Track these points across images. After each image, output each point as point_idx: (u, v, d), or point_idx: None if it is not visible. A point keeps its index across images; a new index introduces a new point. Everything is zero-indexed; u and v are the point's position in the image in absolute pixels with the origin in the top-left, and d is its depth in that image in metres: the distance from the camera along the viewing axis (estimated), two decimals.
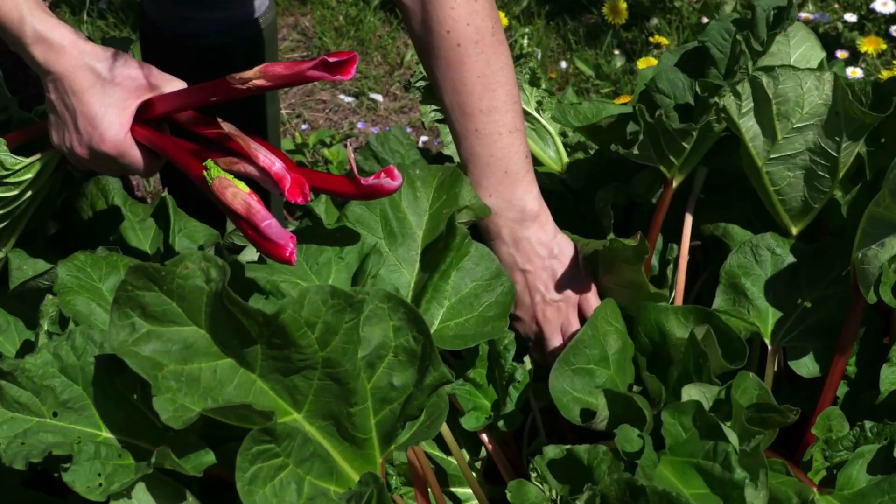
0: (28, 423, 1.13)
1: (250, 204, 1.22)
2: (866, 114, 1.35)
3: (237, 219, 1.23)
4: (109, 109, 1.28)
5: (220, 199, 1.24)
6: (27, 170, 1.36)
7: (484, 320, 1.33)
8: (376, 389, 1.14)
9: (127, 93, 1.29)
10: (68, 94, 1.28)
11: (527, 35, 3.20)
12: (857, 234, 1.28)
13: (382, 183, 1.25)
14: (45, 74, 1.29)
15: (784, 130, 1.39)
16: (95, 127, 1.28)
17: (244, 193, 1.23)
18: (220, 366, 1.12)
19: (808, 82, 1.36)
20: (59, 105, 1.30)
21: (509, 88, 1.38)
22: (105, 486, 1.09)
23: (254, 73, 1.26)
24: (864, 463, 1.25)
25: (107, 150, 1.29)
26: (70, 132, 1.30)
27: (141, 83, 1.30)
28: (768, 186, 1.44)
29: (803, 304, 1.40)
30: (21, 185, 1.37)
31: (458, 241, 1.34)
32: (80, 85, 1.28)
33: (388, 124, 3.03)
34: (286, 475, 1.09)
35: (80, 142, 1.30)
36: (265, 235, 1.22)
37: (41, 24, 1.26)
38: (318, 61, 1.22)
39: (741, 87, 1.37)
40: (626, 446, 1.17)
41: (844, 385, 1.41)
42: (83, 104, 1.28)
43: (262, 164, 1.24)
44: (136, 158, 1.31)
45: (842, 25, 3.11)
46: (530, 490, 1.21)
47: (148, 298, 1.10)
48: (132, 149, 1.30)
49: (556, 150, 1.72)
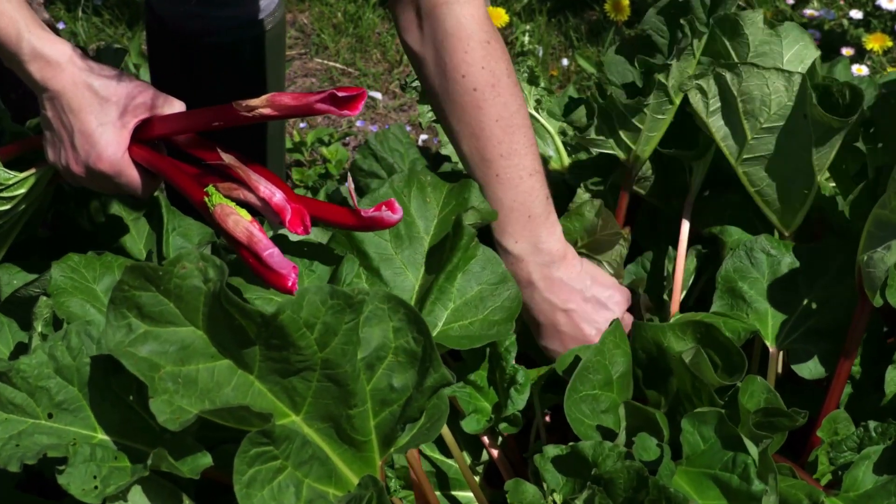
0: (23, 425, 1.12)
1: (252, 232, 1.21)
2: (833, 119, 1.33)
3: (238, 247, 1.22)
4: (107, 128, 1.27)
5: (221, 227, 1.23)
6: (21, 184, 1.35)
7: (489, 324, 1.32)
8: (376, 391, 1.13)
9: (125, 111, 1.28)
10: (65, 112, 1.27)
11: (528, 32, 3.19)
12: (862, 236, 1.27)
13: (383, 216, 1.25)
14: (41, 91, 1.28)
15: (753, 130, 1.37)
16: (92, 145, 1.27)
17: (246, 221, 1.22)
18: (218, 367, 1.11)
19: (775, 82, 1.34)
20: (56, 122, 1.28)
21: (526, 130, 1.37)
22: (100, 489, 1.08)
23: (260, 102, 1.25)
24: (869, 464, 1.24)
25: (103, 169, 1.28)
26: (66, 150, 1.29)
27: (139, 102, 1.29)
28: (749, 187, 1.43)
29: (804, 305, 1.39)
30: (14, 200, 1.36)
31: (465, 242, 1.32)
32: (77, 103, 1.27)
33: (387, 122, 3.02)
34: (284, 478, 1.08)
35: (77, 160, 1.29)
36: (267, 265, 1.21)
37: (38, 40, 1.25)
38: (327, 95, 1.21)
39: (706, 84, 1.35)
40: (643, 455, 1.16)
41: (849, 387, 1.40)
42: (80, 122, 1.27)
43: (263, 196, 1.24)
44: (132, 178, 1.30)
45: (847, 22, 3.10)
46: (528, 489, 1.20)
47: (145, 298, 1.09)
48: (129, 168, 1.29)
49: (556, 150, 1.71)
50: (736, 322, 1.37)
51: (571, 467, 1.18)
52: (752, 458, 1.13)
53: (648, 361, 1.33)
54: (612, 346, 1.30)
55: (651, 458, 1.15)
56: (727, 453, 1.15)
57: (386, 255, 1.37)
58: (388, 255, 1.37)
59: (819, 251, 1.41)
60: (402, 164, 1.76)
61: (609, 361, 1.29)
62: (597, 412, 1.26)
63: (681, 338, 1.30)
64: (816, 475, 1.29)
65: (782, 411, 1.18)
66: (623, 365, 1.31)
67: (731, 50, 1.46)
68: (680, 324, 1.31)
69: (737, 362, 1.27)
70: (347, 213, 1.26)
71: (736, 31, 1.44)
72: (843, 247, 1.39)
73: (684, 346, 1.29)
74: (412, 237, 1.37)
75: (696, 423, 1.18)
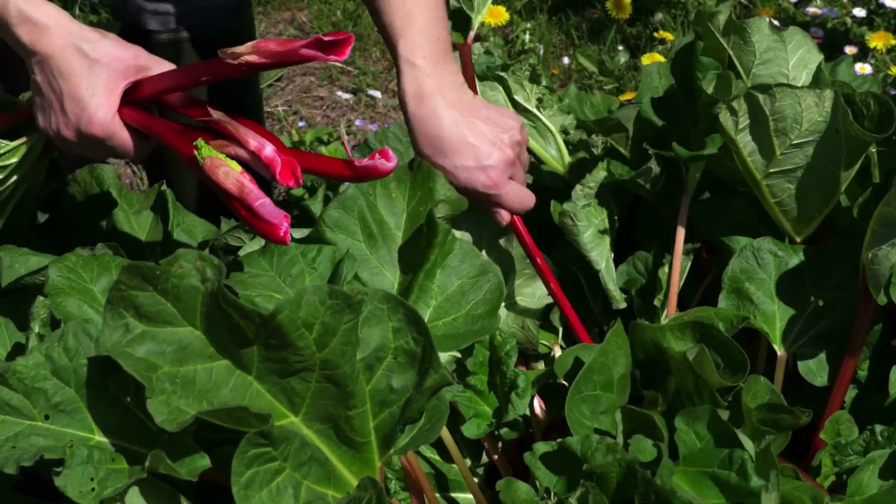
0: (19, 427, 1.11)
1: (243, 183, 1.20)
2: (867, 134, 1.33)
3: (230, 199, 1.21)
4: (97, 90, 1.25)
5: (211, 179, 1.21)
6: (12, 153, 1.33)
7: (473, 318, 1.32)
8: (375, 392, 1.12)
9: (115, 74, 1.26)
10: (54, 76, 1.26)
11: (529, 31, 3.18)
12: (867, 235, 1.27)
13: (377, 164, 1.22)
14: (30, 56, 1.26)
15: (783, 146, 1.38)
16: (83, 109, 1.26)
17: (236, 172, 1.20)
18: (216, 367, 1.10)
19: (806, 99, 1.34)
20: (45, 87, 1.27)
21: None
22: (98, 491, 1.08)
23: (246, 49, 1.23)
24: (874, 468, 1.23)
25: (95, 133, 1.27)
26: (56, 114, 1.27)
27: (129, 64, 1.27)
28: (769, 198, 1.43)
29: (812, 307, 1.38)
30: (6, 170, 1.34)
31: (440, 239, 1.32)
32: (66, 66, 1.25)
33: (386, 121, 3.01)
34: (283, 479, 1.08)
35: (67, 124, 1.27)
36: (258, 215, 1.19)
37: (25, 3, 1.24)
38: (313, 40, 1.19)
39: (737, 105, 1.36)
40: (640, 456, 1.15)
41: (853, 388, 1.39)
42: (70, 85, 1.25)
43: (252, 149, 1.22)
44: (124, 141, 1.29)
45: (850, 20, 3.09)
46: (520, 488, 1.19)
47: (142, 298, 1.08)
48: (121, 131, 1.28)
49: (558, 149, 1.70)
50: (728, 311, 1.36)
51: (562, 464, 1.17)
52: (749, 453, 1.12)
53: (646, 362, 1.32)
54: (615, 347, 1.29)
55: (648, 458, 1.14)
56: (723, 450, 1.14)
57: (362, 256, 1.37)
58: (364, 255, 1.37)
59: (827, 253, 1.41)
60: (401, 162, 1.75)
61: (612, 362, 1.29)
62: (596, 413, 1.25)
63: (680, 338, 1.29)
64: (819, 478, 1.28)
65: (786, 408, 1.17)
66: (624, 366, 1.30)
67: (736, 59, 1.46)
68: (679, 324, 1.30)
69: (739, 361, 1.25)
70: (341, 163, 1.24)
71: (742, 39, 1.44)
72: (851, 249, 1.38)
73: (684, 346, 1.28)
74: (385, 235, 1.37)
75: (689, 420, 1.17)
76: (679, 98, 1.52)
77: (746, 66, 1.47)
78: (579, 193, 1.50)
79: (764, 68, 1.46)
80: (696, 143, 1.48)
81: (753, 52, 1.45)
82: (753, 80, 1.47)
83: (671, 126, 1.52)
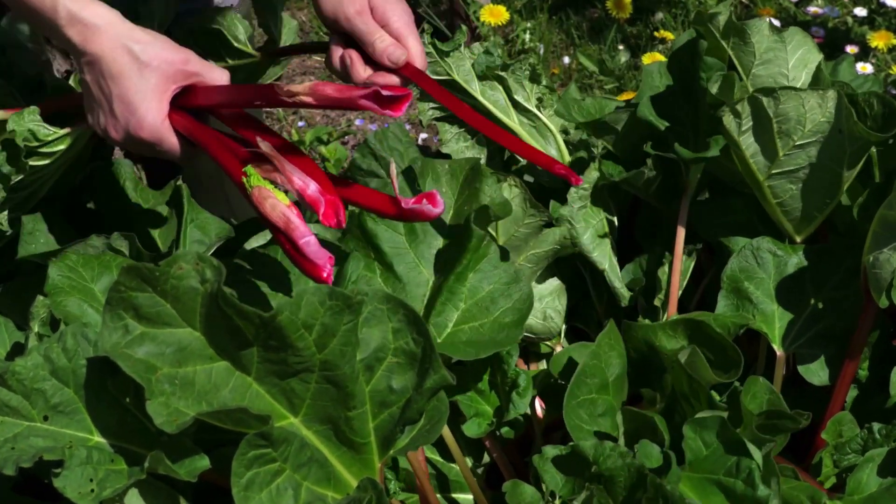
0: (18, 428, 1.11)
1: (289, 218, 1.18)
2: (871, 134, 1.33)
3: (275, 231, 1.19)
4: (147, 94, 1.24)
5: (258, 209, 1.20)
6: (60, 141, 1.33)
7: (499, 326, 1.30)
8: (375, 393, 1.12)
9: (165, 77, 1.25)
10: (104, 77, 1.24)
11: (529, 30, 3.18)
12: (868, 237, 1.26)
13: (424, 209, 1.20)
14: (79, 55, 1.25)
15: (786, 147, 1.37)
16: (132, 112, 1.24)
17: (283, 206, 1.18)
18: (216, 369, 1.10)
19: (810, 101, 1.34)
20: (95, 88, 1.26)
21: None
22: (97, 492, 1.08)
23: (302, 89, 1.22)
24: (873, 467, 1.23)
25: (143, 136, 1.26)
26: (106, 116, 1.26)
27: (179, 68, 1.26)
28: (770, 199, 1.42)
29: (811, 308, 1.38)
30: (54, 156, 1.34)
31: (474, 243, 1.30)
32: (116, 68, 1.24)
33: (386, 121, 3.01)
34: (283, 481, 1.07)
35: (116, 126, 1.26)
36: (303, 253, 1.17)
37: (75, 4, 1.23)
38: (371, 91, 1.18)
39: (740, 107, 1.35)
40: (647, 462, 1.15)
41: (854, 389, 1.39)
42: (119, 88, 1.24)
43: (297, 188, 1.21)
44: (173, 146, 1.27)
45: (851, 20, 3.08)
46: (526, 490, 1.19)
47: (141, 299, 1.08)
48: (170, 136, 1.26)
49: (558, 149, 1.69)
50: (726, 318, 1.36)
51: (571, 467, 1.17)
52: (756, 462, 1.12)
53: (641, 360, 1.32)
54: (608, 349, 1.29)
55: (654, 465, 1.14)
56: (730, 458, 1.14)
57: (400, 250, 1.35)
58: (402, 249, 1.34)
59: (827, 253, 1.40)
60: (401, 163, 1.74)
61: (605, 364, 1.28)
62: (594, 416, 1.25)
63: (672, 336, 1.29)
64: (821, 478, 1.28)
65: (785, 413, 1.17)
66: (618, 367, 1.29)
67: (736, 59, 1.45)
68: (671, 322, 1.29)
69: (732, 358, 1.25)
70: (388, 201, 1.22)
71: (742, 40, 1.44)
72: (850, 248, 1.38)
73: (676, 344, 1.28)
74: (427, 231, 1.35)
75: (697, 428, 1.17)
76: (679, 97, 1.52)
77: (746, 67, 1.46)
78: (574, 196, 1.50)
79: (764, 69, 1.46)
80: (698, 143, 1.48)
81: (753, 53, 1.45)
82: (753, 80, 1.47)
83: (670, 126, 1.52)
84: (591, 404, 1.26)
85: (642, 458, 1.15)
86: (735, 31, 1.44)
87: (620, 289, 1.52)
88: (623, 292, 1.52)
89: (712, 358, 1.25)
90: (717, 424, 1.16)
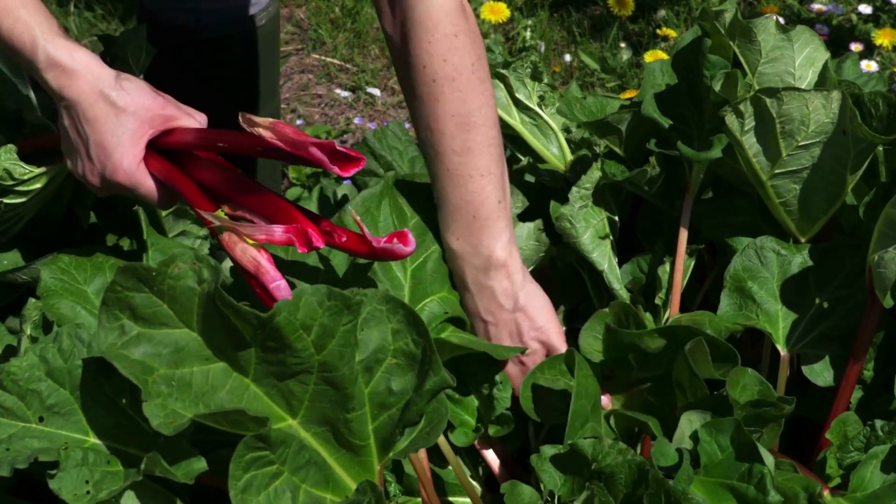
0: (13, 429, 1.11)
1: (259, 262, 1.18)
2: (875, 136, 1.32)
3: (247, 276, 1.20)
4: (122, 139, 1.24)
5: (229, 254, 1.20)
6: (36, 180, 1.34)
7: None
8: (374, 394, 1.11)
9: (141, 123, 1.25)
10: (81, 122, 1.25)
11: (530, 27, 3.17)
12: (874, 236, 1.26)
13: (394, 248, 1.21)
14: (58, 100, 1.26)
15: (789, 148, 1.36)
16: (108, 157, 1.25)
17: (253, 251, 1.18)
18: (213, 370, 1.09)
19: (814, 101, 1.33)
20: (73, 132, 1.26)
21: (486, 130, 1.33)
22: (93, 494, 1.07)
23: (263, 122, 1.22)
24: (877, 464, 1.22)
25: (119, 181, 1.26)
26: (83, 160, 1.27)
27: (156, 113, 1.26)
28: (774, 199, 1.42)
29: (816, 306, 1.37)
30: (29, 195, 1.34)
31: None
32: (93, 113, 1.24)
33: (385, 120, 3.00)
34: (281, 483, 1.07)
35: (93, 171, 1.27)
36: (273, 298, 1.18)
37: (55, 48, 1.23)
38: (327, 143, 1.17)
39: (743, 107, 1.34)
40: (660, 460, 1.14)
41: (859, 389, 1.38)
42: (96, 133, 1.25)
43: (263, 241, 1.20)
44: (149, 190, 1.27)
45: (856, 17, 3.07)
46: (524, 491, 1.18)
47: (138, 300, 1.07)
48: (145, 180, 1.26)
49: (560, 147, 1.68)
50: (720, 320, 1.35)
51: (570, 466, 1.16)
52: (769, 468, 1.12)
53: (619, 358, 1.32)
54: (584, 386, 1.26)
55: (669, 463, 1.14)
56: (743, 464, 1.13)
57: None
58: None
59: (831, 252, 1.39)
60: (400, 162, 1.73)
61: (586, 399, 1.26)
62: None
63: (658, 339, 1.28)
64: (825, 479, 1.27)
65: (769, 402, 1.17)
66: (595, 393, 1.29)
67: (742, 57, 1.44)
68: (659, 329, 1.29)
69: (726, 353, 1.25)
70: (358, 240, 1.23)
71: (748, 38, 1.42)
72: (855, 248, 1.37)
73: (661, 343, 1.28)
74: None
75: (713, 431, 1.16)
76: (682, 96, 1.51)
77: (752, 65, 1.45)
78: (575, 195, 1.49)
79: (770, 67, 1.45)
80: (701, 141, 1.47)
81: (759, 51, 1.44)
82: (759, 78, 1.46)
83: (674, 124, 1.51)
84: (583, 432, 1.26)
85: (657, 455, 1.15)
86: (741, 30, 1.43)
87: (620, 290, 1.51)
88: (622, 293, 1.51)
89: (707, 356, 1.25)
90: (733, 428, 1.15)
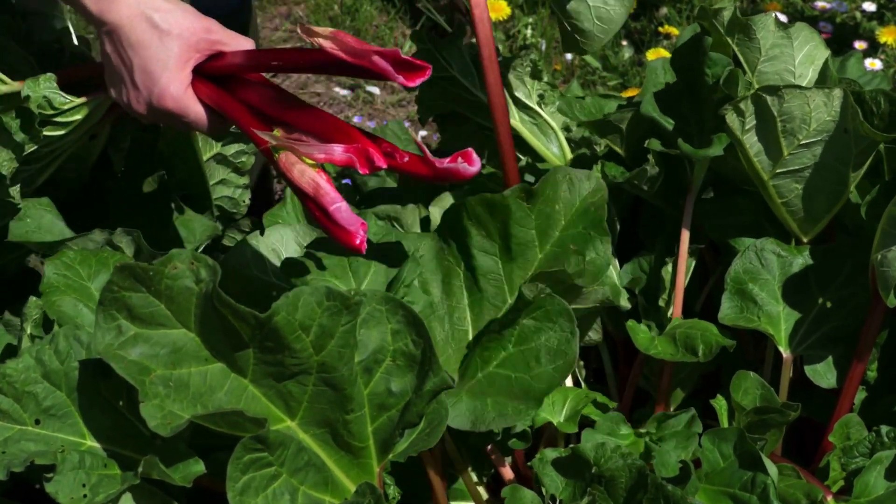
0: (9, 431, 1.10)
1: (318, 184, 1.13)
2: (877, 134, 1.31)
3: (305, 198, 1.15)
4: (168, 63, 1.20)
5: (285, 176, 1.15)
6: (76, 111, 1.28)
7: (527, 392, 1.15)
8: (373, 395, 1.11)
9: (186, 46, 1.20)
10: (124, 47, 1.20)
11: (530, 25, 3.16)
12: (877, 235, 1.25)
13: (458, 167, 1.14)
14: (99, 25, 1.21)
15: (790, 147, 1.35)
16: (154, 82, 1.20)
17: (312, 172, 1.13)
18: (211, 371, 1.08)
19: (815, 99, 1.32)
20: (115, 58, 1.22)
21: None
22: (90, 497, 1.06)
23: (323, 31, 1.16)
24: (881, 469, 1.21)
25: (167, 107, 1.21)
26: (127, 87, 1.22)
27: (201, 37, 1.21)
28: (776, 198, 1.41)
29: (818, 308, 1.36)
30: (69, 126, 1.29)
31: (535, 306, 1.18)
32: (136, 37, 1.19)
33: (385, 118, 2.99)
34: (279, 485, 1.06)
35: (139, 98, 1.22)
36: (334, 220, 1.13)
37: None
38: (390, 51, 1.11)
39: (744, 105, 1.33)
40: (662, 471, 1.13)
41: (863, 390, 1.37)
42: (140, 58, 1.20)
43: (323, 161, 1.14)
44: (199, 116, 1.22)
45: (860, 15, 3.06)
46: (525, 495, 1.17)
47: (135, 300, 1.06)
48: (194, 105, 1.22)
49: (560, 146, 1.68)
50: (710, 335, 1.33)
51: (571, 470, 1.15)
52: (772, 478, 1.11)
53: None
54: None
55: (671, 474, 1.13)
56: (746, 473, 1.12)
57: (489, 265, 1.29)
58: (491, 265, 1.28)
59: (833, 252, 1.38)
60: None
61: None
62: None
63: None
64: (828, 482, 1.26)
65: (773, 408, 1.16)
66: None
67: (741, 55, 1.43)
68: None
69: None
70: (419, 161, 1.16)
71: (748, 36, 1.42)
72: (857, 247, 1.36)
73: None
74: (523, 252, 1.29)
75: (715, 440, 1.16)
76: (683, 94, 1.50)
77: (752, 63, 1.44)
78: None
79: (769, 65, 1.44)
80: (702, 140, 1.46)
81: (759, 49, 1.43)
82: (759, 76, 1.45)
83: (674, 123, 1.50)
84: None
85: (659, 466, 1.14)
86: (740, 27, 1.42)
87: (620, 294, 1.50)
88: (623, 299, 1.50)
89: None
90: (736, 436, 1.15)
